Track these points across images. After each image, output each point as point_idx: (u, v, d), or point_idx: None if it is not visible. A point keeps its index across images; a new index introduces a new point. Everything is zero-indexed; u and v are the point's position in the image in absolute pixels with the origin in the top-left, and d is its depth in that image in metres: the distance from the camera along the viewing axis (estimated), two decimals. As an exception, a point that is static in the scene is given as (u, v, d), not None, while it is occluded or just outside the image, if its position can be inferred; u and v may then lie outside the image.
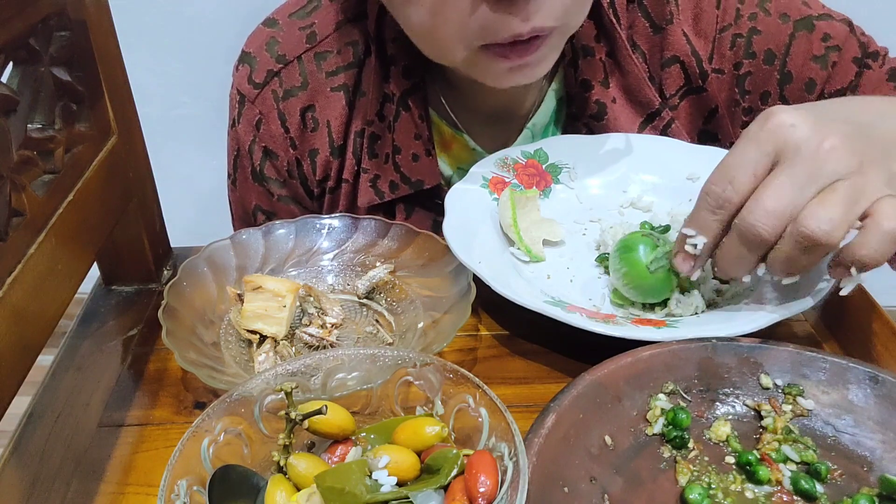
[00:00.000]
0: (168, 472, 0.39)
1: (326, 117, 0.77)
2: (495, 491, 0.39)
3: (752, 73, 0.75)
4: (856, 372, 0.49)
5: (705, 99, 0.77)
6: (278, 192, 0.81)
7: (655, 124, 0.77)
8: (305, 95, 0.77)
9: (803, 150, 0.48)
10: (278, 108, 0.77)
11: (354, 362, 0.47)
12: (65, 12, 0.55)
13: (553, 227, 0.68)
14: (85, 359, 0.61)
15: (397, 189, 0.77)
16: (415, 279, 0.64)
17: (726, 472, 0.47)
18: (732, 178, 0.50)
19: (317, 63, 0.76)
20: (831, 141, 0.48)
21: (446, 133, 0.80)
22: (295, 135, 0.78)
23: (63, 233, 0.52)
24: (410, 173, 0.76)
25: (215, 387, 0.51)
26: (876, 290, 0.63)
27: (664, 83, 0.77)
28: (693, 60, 0.75)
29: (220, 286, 0.62)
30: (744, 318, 0.55)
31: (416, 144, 0.76)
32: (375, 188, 0.77)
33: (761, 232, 0.49)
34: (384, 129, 0.76)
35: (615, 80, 0.76)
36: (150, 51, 1.56)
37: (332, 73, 0.76)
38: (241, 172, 0.82)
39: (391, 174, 0.77)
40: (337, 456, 0.44)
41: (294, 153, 0.79)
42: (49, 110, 0.53)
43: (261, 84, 0.77)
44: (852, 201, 0.48)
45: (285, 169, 0.79)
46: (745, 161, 0.50)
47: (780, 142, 0.49)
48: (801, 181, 0.48)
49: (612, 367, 0.49)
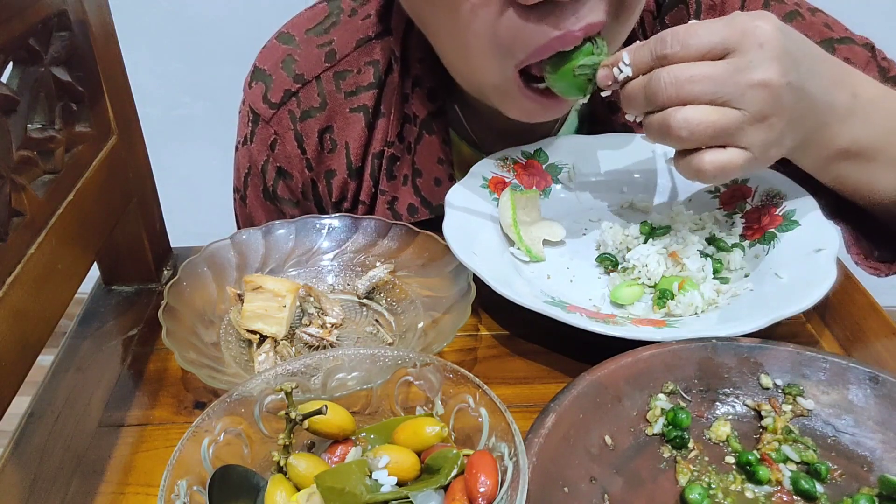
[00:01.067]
0: (168, 472, 0.39)
1: (345, 139, 0.75)
2: (495, 491, 0.39)
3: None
4: (856, 372, 0.49)
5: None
6: (291, 211, 0.79)
7: None
8: (324, 116, 0.74)
9: (748, 69, 0.52)
10: (295, 129, 0.75)
11: (354, 362, 0.47)
12: (65, 12, 0.55)
13: (553, 227, 0.68)
14: (85, 359, 0.61)
15: (417, 213, 0.75)
16: (415, 279, 0.64)
17: (726, 472, 0.47)
18: (688, 44, 0.53)
19: (336, 83, 0.74)
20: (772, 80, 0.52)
21: (466, 153, 0.79)
22: (312, 156, 0.75)
23: (63, 233, 0.52)
24: (432, 198, 0.75)
25: (215, 387, 0.51)
26: (876, 290, 0.63)
27: None
28: None
29: (220, 286, 0.62)
30: (744, 318, 0.55)
31: (438, 169, 0.74)
32: (393, 210, 0.75)
33: (661, 95, 0.54)
34: (403, 151, 0.75)
35: None
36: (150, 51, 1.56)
37: (352, 93, 0.74)
38: (251, 190, 0.79)
39: (410, 197, 0.75)
40: (337, 456, 0.44)
41: (310, 174, 0.76)
42: (49, 110, 0.53)
43: (277, 104, 0.74)
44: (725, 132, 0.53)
45: (300, 190, 0.77)
46: (707, 40, 0.53)
47: (743, 46, 0.53)
48: (718, 87, 0.53)
49: (612, 367, 0.49)
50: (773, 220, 0.64)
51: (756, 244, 0.64)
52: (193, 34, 1.57)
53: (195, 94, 1.65)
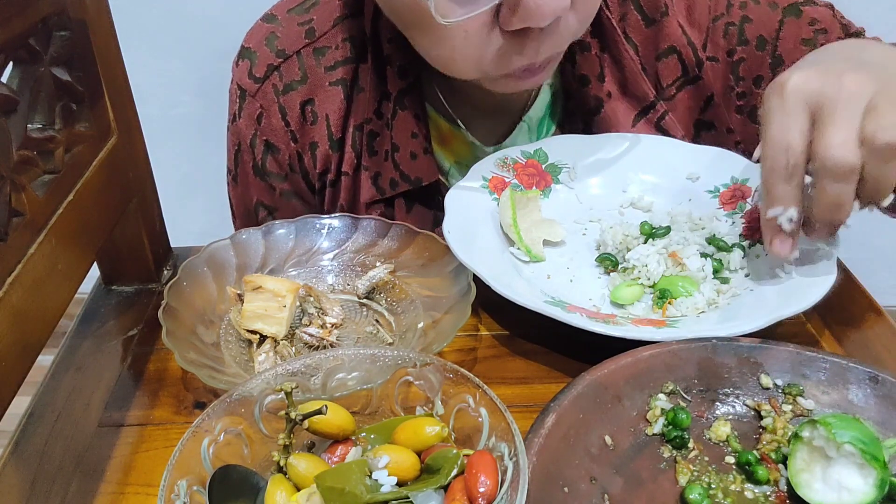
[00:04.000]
0: (168, 472, 0.39)
1: (325, 111, 0.78)
2: (495, 491, 0.39)
3: (746, 59, 0.76)
4: (856, 372, 0.49)
5: (701, 88, 0.78)
6: (280, 186, 0.82)
7: (650, 117, 0.78)
8: (305, 89, 0.77)
9: (830, 93, 0.52)
10: (279, 102, 0.78)
11: (354, 362, 0.47)
12: (65, 12, 0.55)
13: (553, 228, 0.68)
14: (85, 359, 0.61)
15: (397, 186, 0.78)
16: (415, 279, 0.64)
17: (726, 472, 0.47)
18: (787, 145, 0.53)
19: (316, 58, 0.77)
20: (846, 76, 0.52)
21: (444, 128, 0.81)
22: (295, 128, 0.78)
23: (63, 233, 0.52)
24: (409, 171, 0.77)
25: (215, 387, 0.51)
26: (876, 290, 0.63)
27: (660, 74, 0.78)
28: (689, 50, 0.76)
29: (220, 286, 0.62)
30: (744, 318, 0.55)
31: (413, 143, 0.77)
32: (377, 185, 0.78)
33: (846, 158, 0.51)
34: (382, 127, 0.77)
35: (610, 75, 0.77)
36: (150, 51, 1.56)
37: (331, 67, 0.77)
38: (242, 168, 0.82)
39: (391, 171, 0.78)
40: (337, 456, 0.44)
41: (295, 146, 0.79)
42: (49, 110, 0.53)
43: (261, 78, 0.78)
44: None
45: (287, 163, 0.80)
46: (788, 127, 0.53)
47: (806, 97, 0.52)
48: (848, 113, 0.51)
49: (612, 367, 0.49)
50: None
51: (756, 244, 0.64)
52: (193, 34, 1.57)
53: (195, 94, 1.65)
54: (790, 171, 0.53)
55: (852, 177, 0.52)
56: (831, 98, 0.51)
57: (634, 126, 0.77)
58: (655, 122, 0.78)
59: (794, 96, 0.53)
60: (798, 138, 0.52)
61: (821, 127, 0.52)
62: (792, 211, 0.54)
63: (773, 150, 0.53)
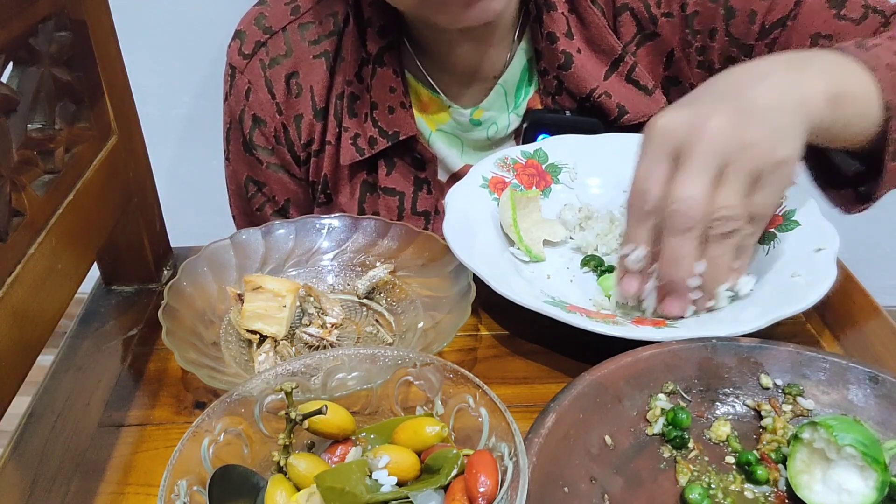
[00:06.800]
0: (168, 472, 0.39)
1: (309, 83, 0.81)
2: (495, 491, 0.39)
3: (699, 12, 0.77)
4: (856, 372, 0.49)
5: (660, 44, 0.79)
6: (267, 159, 0.85)
7: (620, 70, 0.79)
8: (290, 63, 0.81)
9: (690, 141, 0.53)
10: (265, 76, 0.81)
11: (354, 362, 0.47)
12: (65, 12, 0.55)
13: (553, 228, 0.68)
14: (85, 359, 0.61)
15: (376, 144, 0.80)
16: (415, 279, 0.64)
17: (726, 472, 0.47)
18: (645, 189, 0.54)
19: (300, 33, 0.81)
20: (712, 122, 0.52)
21: (423, 95, 0.84)
22: (281, 100, 0.82)
23: (63, 233, 0.52)
24: (387, 126, 0.80)
25: (215, 387, 0.51)
26: (876, 290, 0.63)
27: (619, 32, 0.79)
28: (641, 6, 0.78)
29: (220, 286, 0.62)
30: (744, 318, 0.55)
31: (391, 98, 0.79)
32: (356, 146, 0.81)
33: (686, 212, 0.52)
34: (363, 90, 0.80)
35: (578, 32, 0.78)
36: (150, 51, 1.56)
37: (315, 41, 0.81)
38: (233, 145, 0.86)
39: (370, 130, 0.80)
40: (337, 456, 0.44)
41: (280, 119, 0.82)
42: (49, 110, 0.53)
43: (249, 55, 0.82)
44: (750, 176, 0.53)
45: (272, 135, 0.83)
46: (649, 172, 0.54)
47: (669, 144, 0.54)
48: (700, 167, 0.52)
49: (612, 367, 0.49)
50: (773, 219, 0.64)
51: (756, 244, 0.64)
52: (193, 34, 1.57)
53: (195, 94, 1.65)
54: (642, 214, 0.55)
55: (691, 233, 0.53)
56: (689, 147, 0.52)
57: (607, 80, 0.78)
58: (626, 74, 0.79)
59: (657, 140, 0.54)
60: (654, 186, 0.54)
61: (676, 176, 0.53)
62: (640, 250, 0.56)
63: (633, 193, 0.56)
